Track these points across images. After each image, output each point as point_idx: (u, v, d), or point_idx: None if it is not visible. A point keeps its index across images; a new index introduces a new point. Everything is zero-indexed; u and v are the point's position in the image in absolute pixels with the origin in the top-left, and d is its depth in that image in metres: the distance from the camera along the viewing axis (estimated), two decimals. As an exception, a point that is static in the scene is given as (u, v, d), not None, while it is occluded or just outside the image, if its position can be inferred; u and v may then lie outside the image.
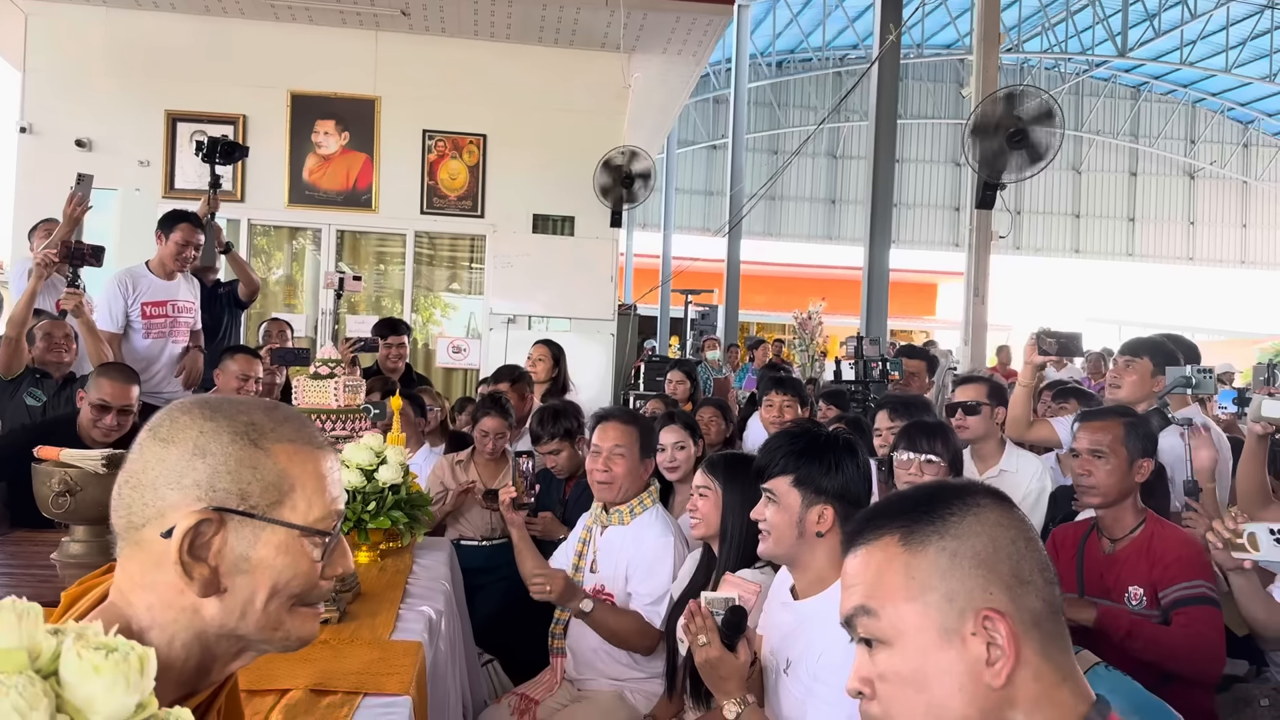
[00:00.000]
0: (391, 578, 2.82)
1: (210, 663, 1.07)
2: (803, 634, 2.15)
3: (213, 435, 1.05)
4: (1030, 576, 1.06)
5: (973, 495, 1.11)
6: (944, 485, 1.15)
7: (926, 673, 1.04)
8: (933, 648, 1.04)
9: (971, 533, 1.07)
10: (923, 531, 1.08)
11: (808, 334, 16.28)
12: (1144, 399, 3.61)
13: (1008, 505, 1.12)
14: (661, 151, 15.78)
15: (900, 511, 1.11)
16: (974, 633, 1.03)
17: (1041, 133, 5.98)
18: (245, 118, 7.79)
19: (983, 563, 1.05)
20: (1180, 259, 26.61)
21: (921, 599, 1.05)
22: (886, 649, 1.06)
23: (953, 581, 1.05)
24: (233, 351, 4.65)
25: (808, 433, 2.26)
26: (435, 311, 8.72)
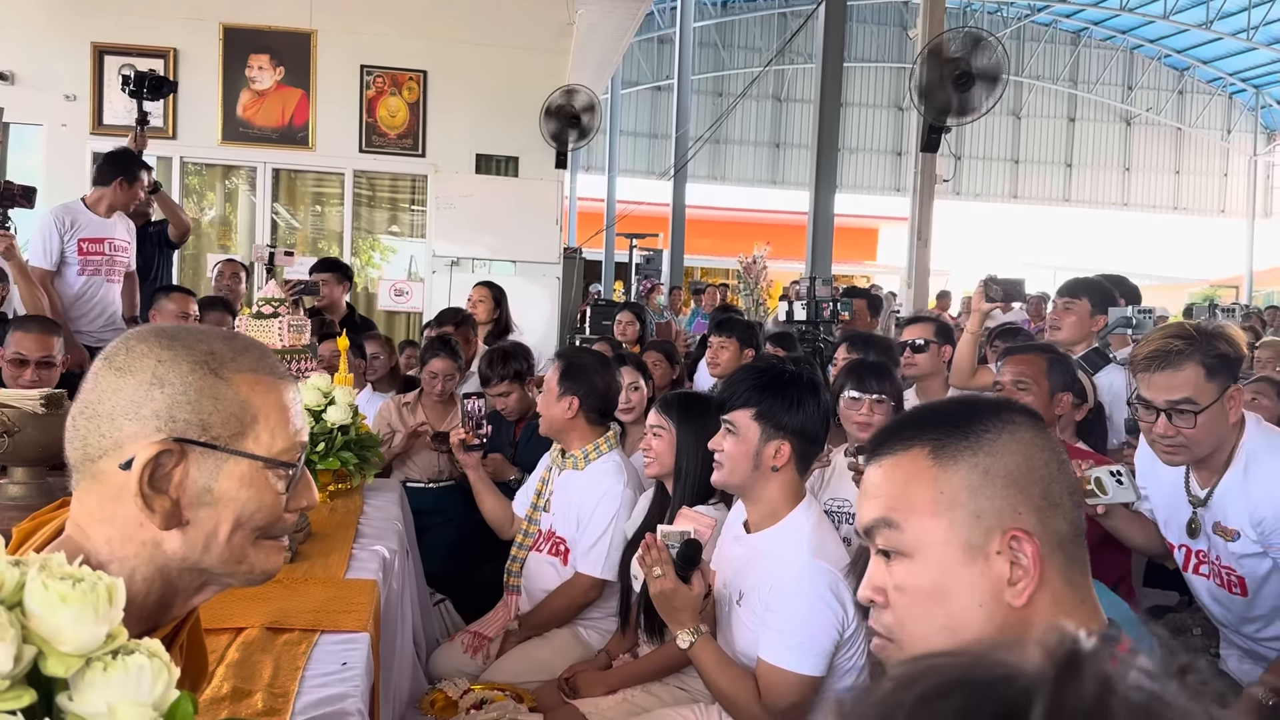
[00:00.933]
0: (343, 518, 2.80)
1: (172, 597, 1.06)
2: (755, 566, 2.19)
3: (171, 364, 1.02)
4: (1060, 499, 1.05)
5: (1008, 412, 1.09)
6: (979, 400, 1.12)
7: (946, 587, 1.02)
8: (955, 563, 1.02)
9: (1005, 451, 1.04)
10: (954, 446, 1.05)
11: (752, 278, 16.34)
12: (1083, 339, 3.70)
13: (1042, 425, 1.10)
14: (606, 92, 15.57)
15: (932, 424, 1.08)
16: (999, 551, 1.01)
17: (987, 75, 6.01)
18: (176, 51, 7.51)
19: (1014, 482, 1.03)
20: (1115, 205, 27.13)
21: (949, 514, 1.03)
22: (906, 561, 1.05)
23: (982, 499, 1.03)
24: (167, 291, 4.55)
25: (773, 368, 2.28)
26: (375, 254, 8.57)
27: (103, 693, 0.77)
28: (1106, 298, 3.73)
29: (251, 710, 1.52)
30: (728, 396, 2.25)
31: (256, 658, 1.73)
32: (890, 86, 25.52)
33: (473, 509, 4.01)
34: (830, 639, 2.06)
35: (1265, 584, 2.30)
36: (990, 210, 26.45)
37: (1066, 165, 26.87)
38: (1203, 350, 2.19)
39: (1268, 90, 26.21)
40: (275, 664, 1.71)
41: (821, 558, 2.09)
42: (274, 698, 1.57)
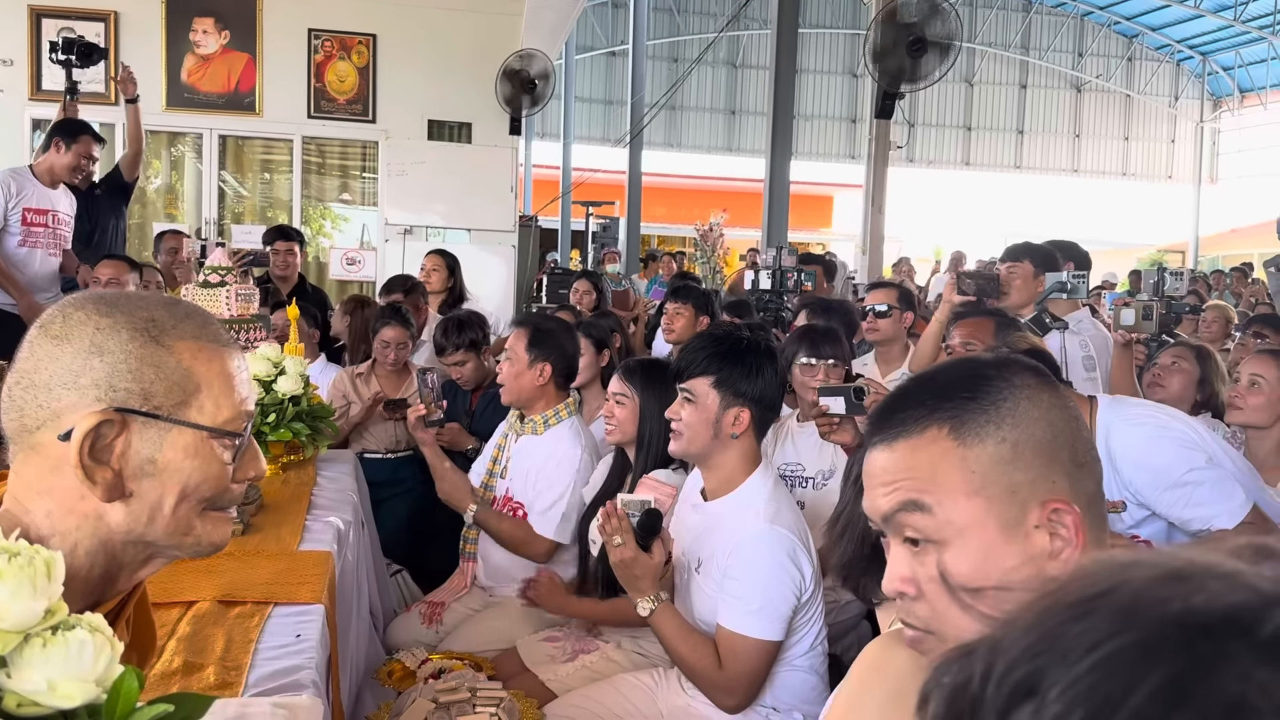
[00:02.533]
0: (295, 490, 2.77)
1: (116, 570, 1.03)
2: (713, 534, 2.20)
3: (110, 332, 0.98)
4: (1085, 458, 1.01)
5: (1018, 375, 1.02)
6: (980, 365, 1.05)
7: (986, 570, 0.96)
8: (995, 543, 0.96)
9: (1029, 419, 0.99)
10: (976, 421, 0.98)
11: (709, 246, 16.33)
12: (1030, 301, 3.75)
13: (1053, 383, 1.05)
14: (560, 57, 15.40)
15: (943, 399, 1.00)
16: (1037, 525, 0.96)
17: (939, 41, 6.02)
18: (116, 14, 7.29)
19: (1044, 450, 0.98)
20: (1066, 171, 27.43)
21: (983, 493, 0.96)
22: (941, 548, 0.97)
23: (1015, 473, 0.97)
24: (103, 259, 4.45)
25: (730, 336, 2.28)
26: (326, 223, 8.43)
27: (42, 669, 0.75)
28: (1047, 259, 3.78)
29: (203, 684, 1.50)
30: (684, 365, 2.24)
31: (208, 631, 1.71)
32: (845, 53, 25.52)
33: (430, 479, 3.99)
34: (789, 604, 2.08)
35: (1171, 543, 2.40)
36: (943, 177, 26.63)
37: (1018, 132, 27.09)
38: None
39: (1214, 57, 26.59)
40: (228, 637, 1.68)
41: (779, 524, 2.10)
42: (226, 671, 1.55)
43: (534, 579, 2.74)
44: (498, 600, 3.10)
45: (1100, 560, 0.45)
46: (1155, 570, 0.42)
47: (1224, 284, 12.15)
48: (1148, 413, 2.49)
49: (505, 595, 3.10)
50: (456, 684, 2.37)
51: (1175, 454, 2.34)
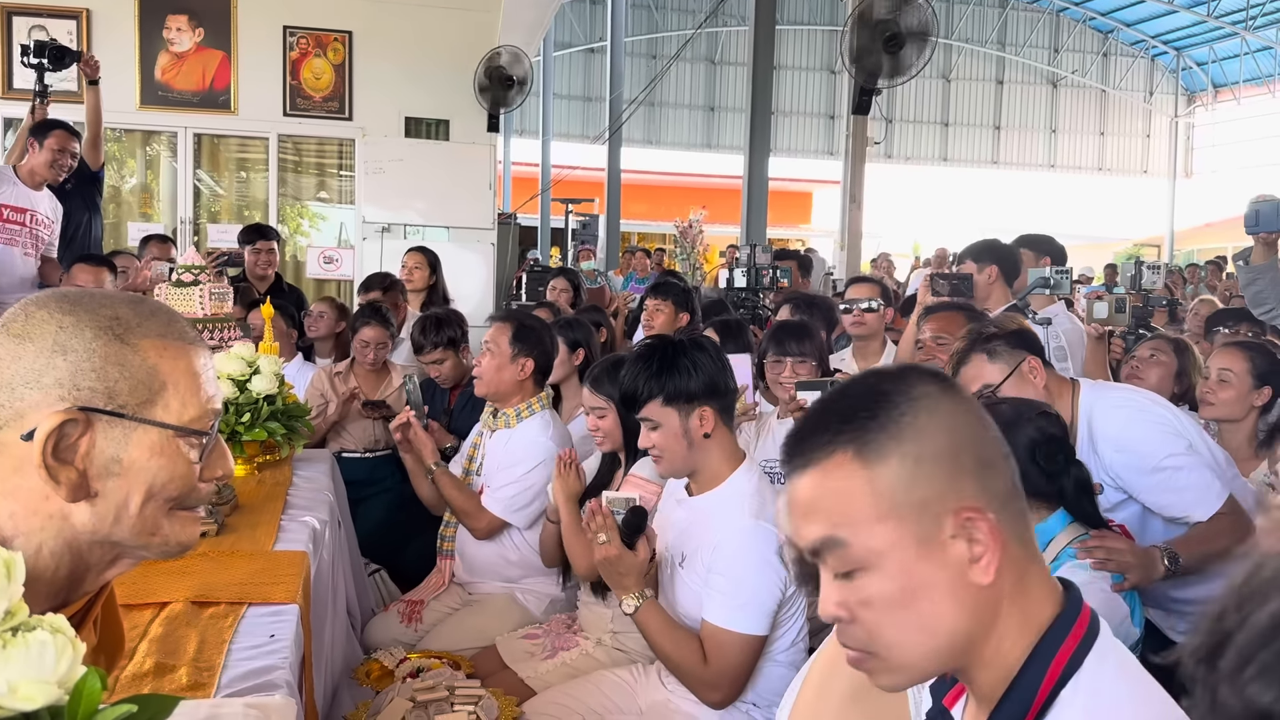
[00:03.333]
0: (271, 490, 2.75)
1: (83, 571, 1.02)
2: (697, 529, 2.20)
3: (73, 331, 0.97)
4: (993, 457, 1.01)
5: (918, 385, 1.02)
6: (880, 380, 1.04)
7: (912, 589, 0.96)
8: (915, 561, 0.96)
9: (929, 430, 0.98)
10: (877, 440, 0.98)
11: (689, 243, 16.35)
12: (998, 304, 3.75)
13: (953, 387, 1.05)
14: (538, 54, 15.36)
15: (844, 420, 1.00)
16: (953, 535, 0.97)
17: (916, 37, 6.04)
18: (88, 12, 7.21)
19: (947, 460, 0.98)
20: (1042, 166, 27.60)
21: (894, 515, 0.97)
22: (864, 574, 0.98)
23: (922, 488, 0.97)
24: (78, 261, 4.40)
25: (655, 350, 2.28)
26: (303, 222, 8.37)
27: (2, 671, 0.74)
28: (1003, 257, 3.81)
29: (175, 685, 1.49)
30: (631, 396, 2.24)
31: (181, 632, 1.70)
32: (823, 49, 25.57)
33: (408, 479, 3.98)
34: (773, 599, 2.09)
35: (1146, 528, 2.44)
36: (921, 172, 26.74)
37: (995, 128, 27.24)
38: (978, 341, 2.48)
39: (1188, 52, 26.82)
40: (200, 638, 1.67)
41: (763, 519, 2.10)
42: (199, 672, 1.54)
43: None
44: (477, 598, 3.10)
45: None
46: None
47: (1199, 278, 12.26)
48: (1129, 397, 2.52)
49: (484, 592, 3.10)
50: (434, 683, 2.36)
51: (1156, 438, 2.37)
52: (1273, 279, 3.52)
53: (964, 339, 2.57)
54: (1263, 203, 3.37)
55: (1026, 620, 1.00)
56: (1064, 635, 0.99)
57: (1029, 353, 2.47)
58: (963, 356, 2.52)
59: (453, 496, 3.03)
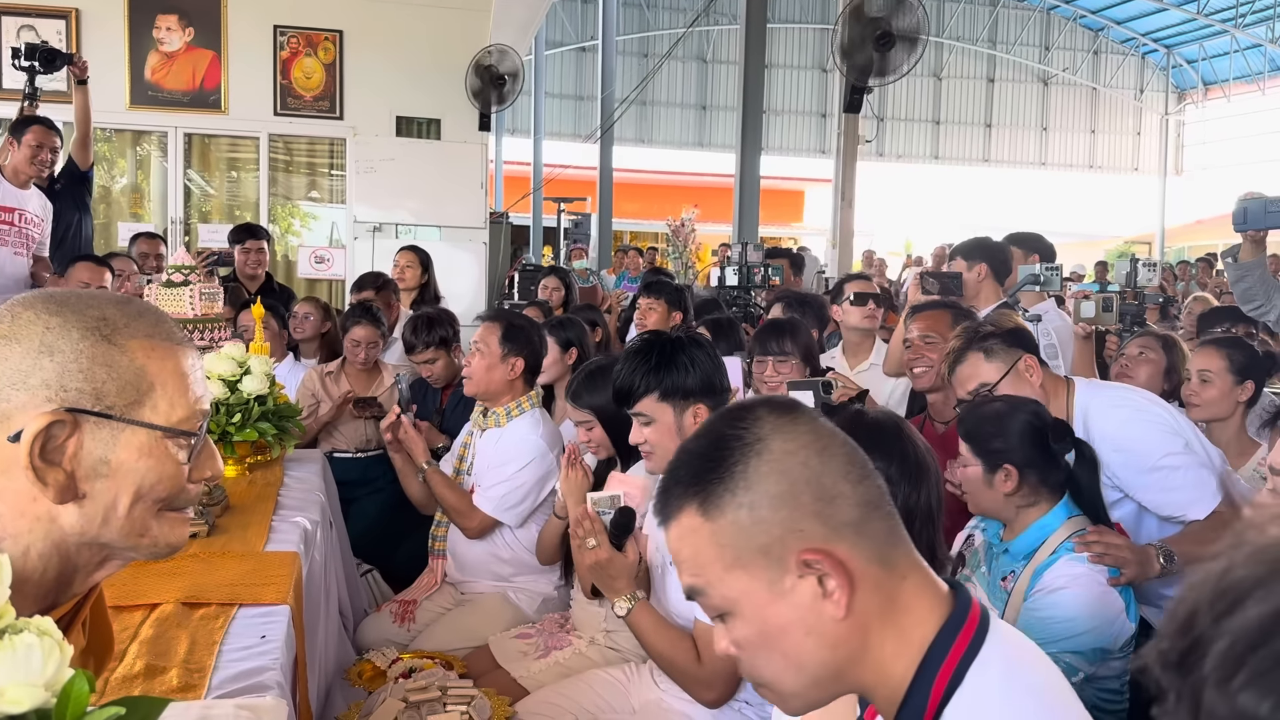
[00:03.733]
0: (262, 490, 2.74)
1: (71, 573, 1.02)
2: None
3: (60, 331, 0.97)
4: (835, 488, 1.00)
5: (752, 429, 1.03)
6: (723, 430, 1.05)
7: (770, 631, 1.00)
8: (767, 604, 0.99)
9: (760, 476, 1.00)
10: (716, 493, 1.00)
11: (681, 241, 16.34)
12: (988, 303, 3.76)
13: (790, 422, 1.04)
14: (530, 52, 15.35)
15: (691, 475, 1.03)
16: (800, 576, 0.98)
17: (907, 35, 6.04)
18: (78, 12, 7.18)
19: (783, 503, 0.99)
20: (1033, 164, 27.65)
21: (739, 564, 0.99)
22: (731, 618, 1.02)
23: (760, 536, 0.99)
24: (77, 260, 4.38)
25: (653, 345, 2.27)
26: (294, 221, 8.35)
27: (-11, 674, 0.73)
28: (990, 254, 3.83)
29: (166, 687, 1.48)
30: (626, 390, 2.23)
31: (171, 633, 1.69)
32: (814, 47, 25.58)
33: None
34: None
35: (1141, 526, 2.45)
36: (912, 170, 26.77)
37: (986, 126, 27.29)
38: (974, 340, 2.48)
39: (1178, 50, 26.89)
40: (191, 639, 1.67)
41: None
42: (189, 673, 1.54)
43: None
44: (469, 598, 3.10)
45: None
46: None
47: (1190, 275, 12.30)
48: (1126, 396, 2.53)
49: (476, 592, 3.09)
50: (427, 683, 2.36)
51: (1153, 437, 2.38)
52: (1261, 275, 3.53)
53: (960, 337, 2.57)
54: (1251, 200, 3.38)
55: (904, 638, 1.01)
56: (947, 649, 1.00)
57: (1025, 351, 2.48)
58: (959, 355, 2.52)
59: (444, 496, 3.03)
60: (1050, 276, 3.68)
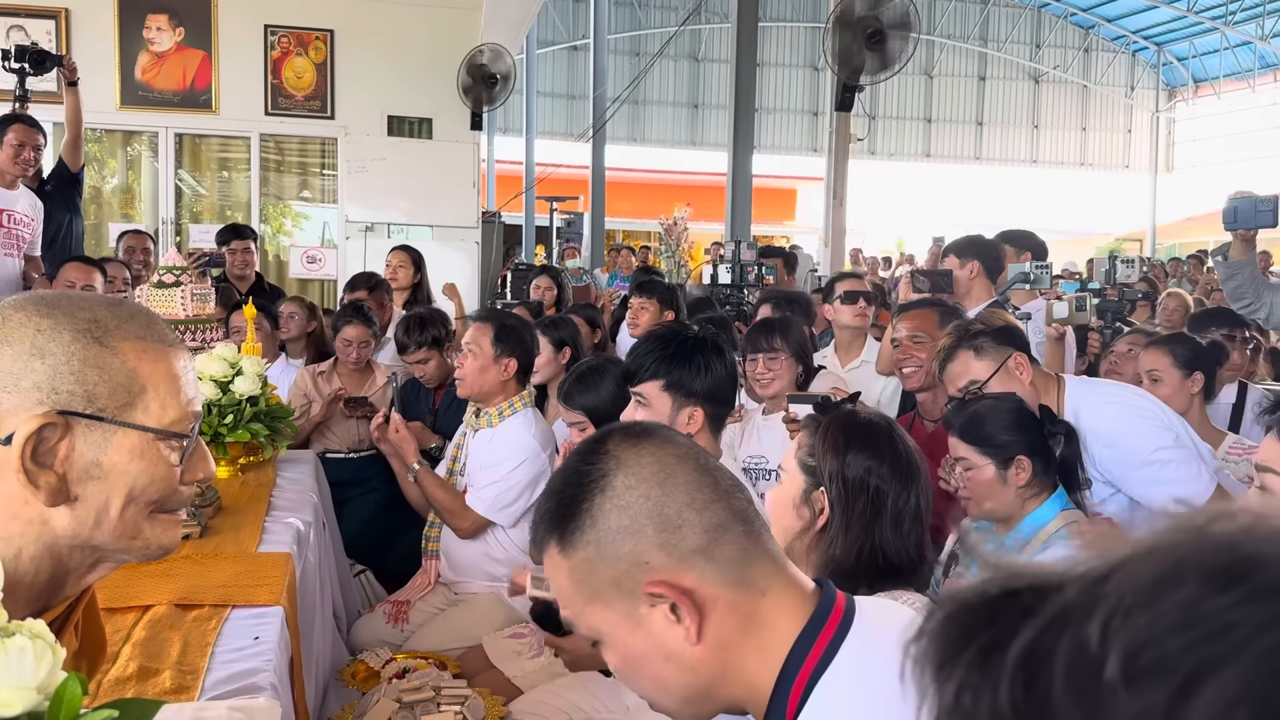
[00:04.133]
0: (254, 491, 2.74)
1: (63, 576, 1.02)
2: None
3: (51, 334, 0.97)
4: (678, 516, 1.02)
5: (598, 465, 1.05)
6: (577, 466, 1.08)
7: (633, 658, 1.02)
8: (626, 634, 1.02)
9: (604, 513, 1.02)
10: (569, 531, 1.03)
11: (673, 240, 16.34)
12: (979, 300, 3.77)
13: (634, 455, 1.06)
14: (521, 51, 15.33)
15: (550, 515, 1.06)
16: (651, 605, 1.00)
17: (898, 33, 6.06)
18: (68, 11, 7.17)
19: (627, 537, 1.01)
20: (1025, 161, 27.70)
21: (597, 598, 1.02)
22: (604, 647, 1.05)
23: (609, 570, 1.01)
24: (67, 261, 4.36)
25: (676, 336, 2.28)
26: (286, 221, 8.34)
27: (-19, 677, 0.73)
28: (982, 251, 3.84)
29: (159, 688, 1.48)
30: (635, 368, 2.24)
31: (164, 635, 1.69)
32: (806, 46, 25.60)
33: (393, 479, 3.96)
34: None
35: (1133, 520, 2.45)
36: (904, 169, 26.80)
37: (977, 124, 27.33)
38: (964, 338, 2.49)
39: (1168, 48, 26.97)
40: (184, 641, 1.66)
41: None
42: (183, 675, 1.53)
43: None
44: (463, 597, 3.10)
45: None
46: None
47: (1181, 272, 12.34)
48: (1117, 392, 2.55)
49: (470, 592, 3.09)
50: (420, 683, 2.36)
51: (1144, 433, 2.39)
52: (1251, 274, 3.55)
53: (950, 335, 2.58)
54: (1240, 199, 3.40)
55: (764, 653, 1.02)
56: (803, 659, 1.01)
57: (1015, 349, 2.48)
58: (949, 353, 2.53)
59: (437, 496, 3.03)
60: (1040, 275, 3.69)
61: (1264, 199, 3.35)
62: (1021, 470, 2.09)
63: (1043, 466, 2.11)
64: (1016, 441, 2.10)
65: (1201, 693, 0.33)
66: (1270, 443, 1.49)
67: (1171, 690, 0.34)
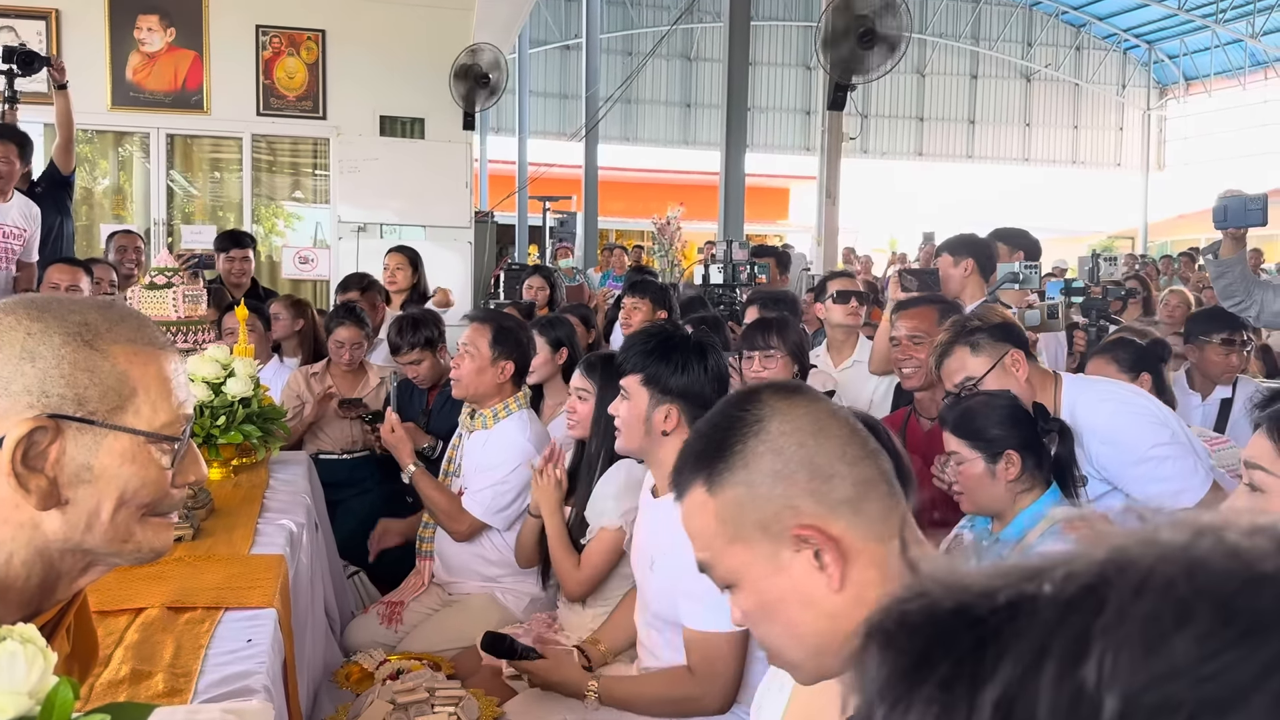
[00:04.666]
0: (247, 493, 2.73)
1: (55, 580, 1.01)
2: (663, 530, 2.20)
3: (41, 337, 0.97)
4: (831, 467, 1.06)
5: (754, 411, 1.09)
6: (729, 411, 1.12)
7: (771, 602, 1.05)
8: (767, 578, 1.05)
9: (757, 456, 1.06)
10: (719, 471, 1.07)
11: (666, 239, 16.34)
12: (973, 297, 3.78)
13: (788, 404, 1.10)
14: (513, 51, 15.32)
15: (698, 454, 1.10)
16: (796, 550, 1.03)
17: (890, 32, 6.06)
18: (58, 12, 7.13)
19: (779, 480, 1.05)
20: (1017, 160, 27.77)
21: (740, 539, 1.05)
22: (737, 590, 1.08)
23: (757, 511, 1.05)
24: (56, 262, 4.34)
25: (661, 332, 2.30)
26: (279, 221, 8.32)
27: (-28, 683, 0.73)
28: (977, 250, 3.85)
29: (151, 692, 1.48)
30: (621, 362, 2.26)
31: (157, 638, 1.68)
32: (798, 45, 25.62)
33: (387, 479, 3.97)
34: None
35: None
36: (897, 167, 26.85)
37: (970, 122, 27.38)
38: (961, 334, 2.50)
39: (1159, 45, 27.05)
40: (177, 644, 1.66)
41: None
42: (175, 678, 1.53)
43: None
44: (457, 598, 3.09)
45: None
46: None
47: (1172, 269, 12.38)
48: (1112, 390, 2.55)
49: (464, 592, 3.09)
50: (414, 684, 2.36)
51: (1141, 429, 2.40)
52: (1242, 272, 3.56)
53: (947, 330, 2.58)
54: (1230, 198, 3.41)
55: None
56: None
57: (1013, 345, 2.49)
58: (945, 349, 2.54)
59: (433, 498, 3.02)
60: (1030, 274, 3.69)
61: (1254, 198, 3.36)
62: (1011, 465, 2.10)
63: (1034, 462, 2.12)
64: (1007, 436, 2.11)
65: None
66: (1259, 439, 1.50)
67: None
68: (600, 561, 2.56)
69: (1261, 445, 1.48)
